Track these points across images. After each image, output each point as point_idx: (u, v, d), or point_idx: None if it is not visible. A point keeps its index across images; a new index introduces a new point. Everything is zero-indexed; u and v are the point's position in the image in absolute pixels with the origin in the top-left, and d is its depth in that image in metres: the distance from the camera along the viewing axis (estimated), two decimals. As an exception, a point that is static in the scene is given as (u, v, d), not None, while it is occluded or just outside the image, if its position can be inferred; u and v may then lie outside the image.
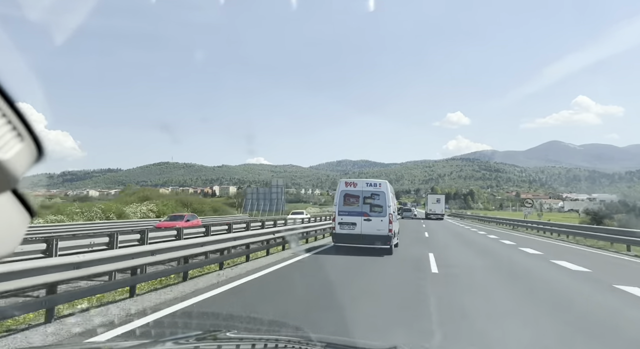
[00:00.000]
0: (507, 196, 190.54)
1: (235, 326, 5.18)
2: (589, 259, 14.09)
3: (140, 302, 6.74)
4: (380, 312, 6.44)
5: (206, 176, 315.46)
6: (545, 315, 6.40)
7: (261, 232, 13.64)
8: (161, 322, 5.66)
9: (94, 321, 5.58)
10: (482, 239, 23.80)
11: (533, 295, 8.19)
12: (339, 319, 5.82)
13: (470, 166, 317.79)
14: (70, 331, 5.15)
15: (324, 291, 7.96)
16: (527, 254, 15.37)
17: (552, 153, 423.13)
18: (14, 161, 0.69)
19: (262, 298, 7.41)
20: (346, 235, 13.92)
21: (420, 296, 7.55)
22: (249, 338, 2.40)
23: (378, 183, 14.34)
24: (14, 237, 0.84)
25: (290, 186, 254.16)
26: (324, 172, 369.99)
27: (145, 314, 6.03)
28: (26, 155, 0.74)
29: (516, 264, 13.15)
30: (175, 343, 2.13)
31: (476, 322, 5.93)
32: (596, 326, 5.99)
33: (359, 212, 13.91)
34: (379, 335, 5.19)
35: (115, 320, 5.65)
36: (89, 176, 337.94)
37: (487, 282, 9.60)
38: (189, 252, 9.02)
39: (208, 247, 9.90)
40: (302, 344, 2.05)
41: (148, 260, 7.73)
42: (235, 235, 11.82)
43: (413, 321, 5.84)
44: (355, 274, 10.01)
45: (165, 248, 8.31)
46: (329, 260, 12.11)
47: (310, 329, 4.60)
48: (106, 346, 2.83)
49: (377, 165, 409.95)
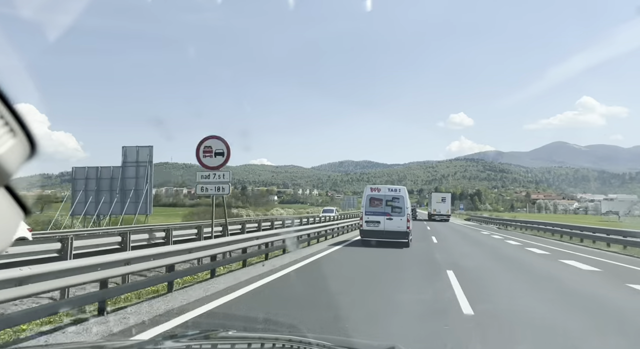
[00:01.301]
0: (515, 196, 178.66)
1: (232, 326, 5.35)
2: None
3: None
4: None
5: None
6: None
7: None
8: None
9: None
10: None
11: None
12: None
13: (474, 167, 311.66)
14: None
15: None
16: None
17: (557, 154, 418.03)
18: (6, 157, 0.68)
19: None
20: (371, 231, 16.57)
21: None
22: (249, 337, 2.51)
23: (398, 189, 17.38)
24: (7, 235, 0.83)
25: (289, 186, 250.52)
26: (325, 173, 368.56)
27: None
28: (19, 151, 0.72)
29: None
30: (174, 341, 2.18)
31: None
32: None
33: (382, 213, 16.58)
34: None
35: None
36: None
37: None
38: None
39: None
40: (304, 343, 2.09)
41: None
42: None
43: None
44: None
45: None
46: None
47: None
48: (104, 345, 2.54)
49: (379, 166, 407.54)
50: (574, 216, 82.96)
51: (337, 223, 22.42)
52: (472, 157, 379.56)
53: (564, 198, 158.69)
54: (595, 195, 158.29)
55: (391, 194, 16.85)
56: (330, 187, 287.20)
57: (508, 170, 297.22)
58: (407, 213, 16.47)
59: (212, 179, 11.00)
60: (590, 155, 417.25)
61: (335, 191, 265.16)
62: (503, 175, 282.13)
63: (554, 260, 14.12)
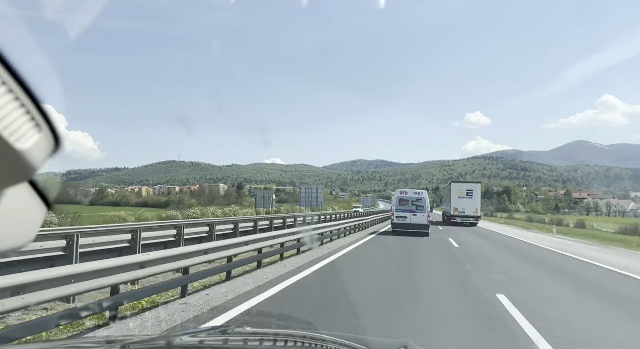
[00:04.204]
0: (551, 195, 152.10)
1: (247, 322, 5.37)
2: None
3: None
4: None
5: (212, 175, 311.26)
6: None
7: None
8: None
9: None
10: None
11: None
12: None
13: (494, 165, 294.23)
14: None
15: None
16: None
17: (579, 153, 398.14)
18: (32, 151, 0.68)
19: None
20: (401, 224, 21.66)
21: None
22: (263, 333, 2.48)
23: (421, 192, 22.93)
24: (30, 229, 0.84)
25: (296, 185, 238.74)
26: (336, 172, 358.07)
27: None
28: (44, 146, 0.72)
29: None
30: (191, 336, 2.09)
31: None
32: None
33: (409, 210, 21.68)
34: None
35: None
36: (94, 175, 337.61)
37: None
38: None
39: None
40: (317, 340, 2.09)
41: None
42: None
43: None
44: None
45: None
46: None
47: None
48: (117, 339, 2.25)
49: (393, 165, 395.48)
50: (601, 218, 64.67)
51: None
52: (490, 156, 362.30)
53: (614, 197, 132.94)
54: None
55: (416, 196, 22.15)
56: (340, 186, 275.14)
57: (530, 169, 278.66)
58: (428, 211, 21.82)
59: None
60: (614, 154, 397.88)
61: (342, 189, 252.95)
62: (526, 174, 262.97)
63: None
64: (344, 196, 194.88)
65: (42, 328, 4.21)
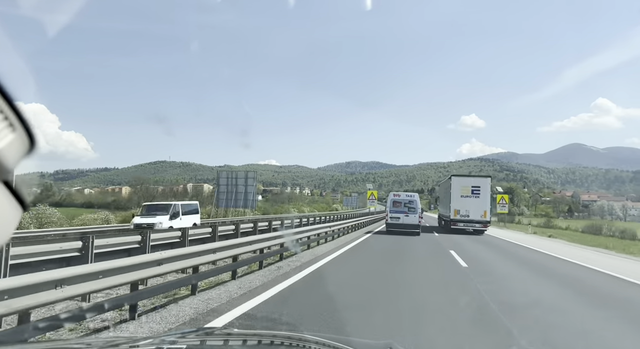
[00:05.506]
0: (554, 196, 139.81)
1: (231, 324, 5.40)
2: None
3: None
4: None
5: (202, 175, 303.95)
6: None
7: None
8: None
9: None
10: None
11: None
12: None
13: (490, 167, 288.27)
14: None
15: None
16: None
17: (574, 156, 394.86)
18: (5, 151, 0.68)
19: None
20: (394, 224, 23.49)
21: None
22: (247, 334, 2.58)
23: (412, 194, 25.06)
24: (5, 230, 0.83)
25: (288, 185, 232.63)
26: (330, 173, 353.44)
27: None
28: (18, 146, 0.72)
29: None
30: (177, 337, 2.13)
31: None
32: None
33: (401, 211, 23.42)
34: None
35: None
36: (82, 174, 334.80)
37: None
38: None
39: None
40: (301, 341, 2.09)
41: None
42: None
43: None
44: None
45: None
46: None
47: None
48: (102, 341, 2.24)
49: (387, 166, 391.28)
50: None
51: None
52: (485, 157, 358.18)
53: (627, 199, 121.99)
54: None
55: (408, 198, 24.06)
56: (332, 187, 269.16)
57: (527, 171, 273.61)
58: (419, 212, 23.46)
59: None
60: (610, 157, 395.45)
61: (333, 190, 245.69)
62: (523, 176, 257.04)
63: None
64: (335, 196, 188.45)
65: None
